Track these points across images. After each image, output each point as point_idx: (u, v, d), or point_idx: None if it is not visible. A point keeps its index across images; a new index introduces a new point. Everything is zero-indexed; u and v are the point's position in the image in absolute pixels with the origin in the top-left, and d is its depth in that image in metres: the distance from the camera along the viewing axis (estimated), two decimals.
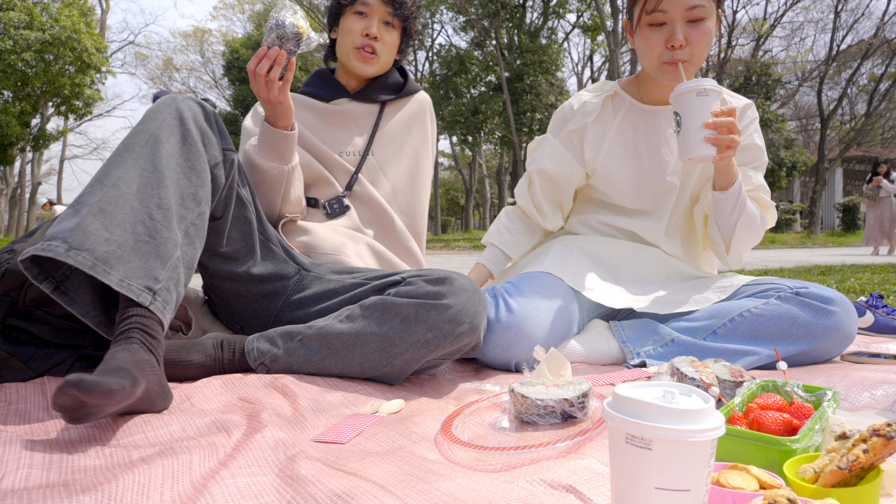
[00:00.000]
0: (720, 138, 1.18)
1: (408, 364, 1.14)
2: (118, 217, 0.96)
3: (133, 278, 0.94)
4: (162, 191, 1.02)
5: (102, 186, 0.99)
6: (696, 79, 1.21)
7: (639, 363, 1.34)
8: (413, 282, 1.18)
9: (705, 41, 1.33)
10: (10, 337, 1.22)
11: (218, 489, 0.66)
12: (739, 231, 1.39)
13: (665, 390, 0.54)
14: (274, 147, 1.40)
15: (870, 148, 25.11)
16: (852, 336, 1.31)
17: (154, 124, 1.08)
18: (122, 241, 0.95)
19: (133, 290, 0.93)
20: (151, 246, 0.98)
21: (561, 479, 0.69)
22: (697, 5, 1.30)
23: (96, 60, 16.57)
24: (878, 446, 0.55)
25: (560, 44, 22.68)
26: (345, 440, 0.85)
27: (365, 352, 1.14)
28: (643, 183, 1.51)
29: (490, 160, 29.58)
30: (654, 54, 1.36)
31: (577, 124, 1.54)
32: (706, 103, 1.19)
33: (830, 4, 22.00)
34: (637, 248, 1.52)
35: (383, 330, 1.13)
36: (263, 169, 1.41)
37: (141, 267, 0.95)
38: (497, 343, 1.27)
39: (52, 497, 0.62)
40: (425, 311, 1.11)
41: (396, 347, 1.12)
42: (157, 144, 1.06)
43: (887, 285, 3.29)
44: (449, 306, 1.11)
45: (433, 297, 1.13)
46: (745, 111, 1.50)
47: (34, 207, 21.78)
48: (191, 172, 1.09)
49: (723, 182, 1.33)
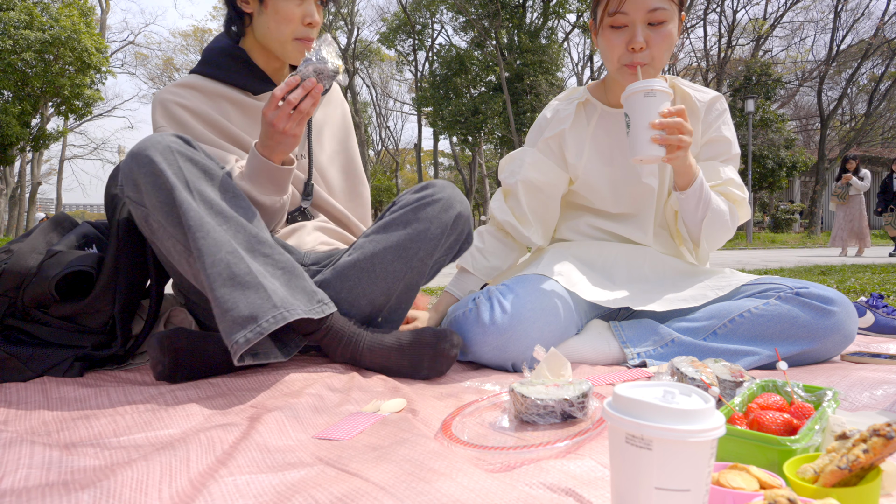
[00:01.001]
0: (668, 138, 1.18)
1: (424, 262, 1.28)
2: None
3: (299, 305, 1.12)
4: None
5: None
6: (646, 80, 1.21)
7: (639, 363, 1.33)
8: (400, 199, 1.33)
9: (666, 44, 1.34)
10: (10, 337, 1.22)
11: (217, 488, 0.66)
12: (706, 228, 1.39)
13: (665, 390, 0.54)
14: (274, 181, 1.28)
15: (870, 148, 25.10)
16: (852, 336, 1.31)
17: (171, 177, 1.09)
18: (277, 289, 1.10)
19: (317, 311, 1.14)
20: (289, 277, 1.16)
21: (560, 481, 0.69)
22: (658, 8, 1.30)
23: (96, 60, 16.56)
24: (879, 446, 0.55)
25: (560, 44, 22.68)
26: (346, 437, 0.85)
27: (385, 265, 1.24)
28: (622, 187, 1.52)
29: (490, 160, 29.59)
30: (615, 56, 1.36)
31: (553, 131, 1.53)
32: (654, 104, 1.19)
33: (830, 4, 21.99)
34: (630, 248, 1.52)
35: (392, 241, 1.25)
36: (267, 205, 1.31)
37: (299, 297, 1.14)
38: (493, 345, 1.27)
39: (51, 495, 0.62)
40: (422, 210, 1.27)
41: (409, 250, 1.25)
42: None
43: (887, 285, 3.29)
44: (440, 199, 1.29)
45: (423, 198, 1.29)
46: (712, 104, 1.50)
47: (34, 207, 21.79)
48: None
49: (682, 182, 1.33)
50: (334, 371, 1.19)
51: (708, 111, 1.49)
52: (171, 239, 1.11)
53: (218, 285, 1.03)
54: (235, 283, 1.04)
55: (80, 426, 0.89)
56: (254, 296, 1.04)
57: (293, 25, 1.34)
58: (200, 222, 1.06)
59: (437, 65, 24.47)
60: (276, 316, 1.04)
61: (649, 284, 1.47)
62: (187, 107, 1.38)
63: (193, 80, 1.43)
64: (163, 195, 1.08)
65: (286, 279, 1.12)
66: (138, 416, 0.92)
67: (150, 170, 1.08)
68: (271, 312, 1.03)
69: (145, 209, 1.11)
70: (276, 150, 1.23)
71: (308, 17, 1.35)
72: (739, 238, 13.47)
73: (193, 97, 1.40)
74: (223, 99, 1.42)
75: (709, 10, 20.90)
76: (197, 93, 1.41)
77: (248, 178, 1.27)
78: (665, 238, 1.56)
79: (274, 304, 1.04)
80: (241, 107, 1.43)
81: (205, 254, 1.04)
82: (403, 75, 32.96)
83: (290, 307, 1.07)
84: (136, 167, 1.09)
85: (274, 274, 1.11)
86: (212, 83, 1.42)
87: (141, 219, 1.13)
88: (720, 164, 1.47)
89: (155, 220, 1.10)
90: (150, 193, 1.08)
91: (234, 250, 1.06)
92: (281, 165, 1.27)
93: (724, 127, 1.49)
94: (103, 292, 1.24)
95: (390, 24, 26.75)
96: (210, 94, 1.41)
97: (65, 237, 1.32)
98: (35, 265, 1.21)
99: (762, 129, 19.02)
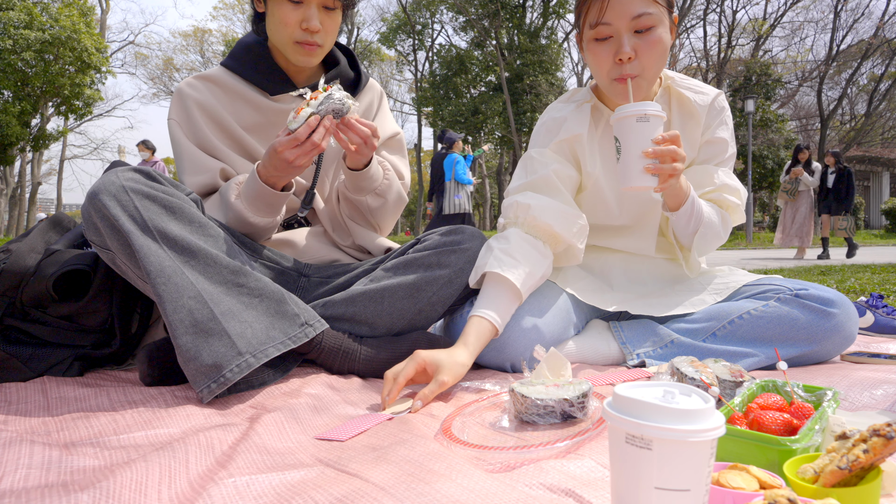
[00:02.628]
0: (661, 168, 1.10)
1: (434, 308, 1.27)
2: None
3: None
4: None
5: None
6: (639, 102, 1.12)
7: (638, 364, 1.33)
8: (428, 238, 1.32)
9: (657, 51, 1.23)
10: (9, 337, 1.22)
11: (217, 489, 0.65)
12: (698, 240, 1.35)
13: (665, 390, 0.54)
14: (272, 205, 1.30)
15: (870, 148, 25.09)
16: (853, 338, 1.30)
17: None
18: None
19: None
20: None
21: (560, 482, 0.69)
22: (643, 13, 1.20)
23: (96, 60, 16.57)
24: (879, 446, 0.55)
25: (560, 44, 22.68)
26: (344, 438, 0.85)
27: (394, 301, 1.23)
28: (626, 198, 1.45)
29: (490, 160, 29.58)
30: (604, 71, 1.26)
31: (568, 133, 1.40)
32: (647, 130, 1.10)
33: (830, 4, 21.99)
34: (629, 254, 1.51)
35: (409, 279, 1.24)
36: (260, 226, 1.33)
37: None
38: (491, 345, 1.27)
39: (50, 496, 0.62)
40: (446, 256, 1.27)
41: (424, 292, 1.25)
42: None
43: (887, 285, 3.29)
44: (467, 249, 1.29)
45: (451, 244, 1.29)
46: (712, 105, 1.42)
47: (34, 208, 21.80)
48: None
49: (672, 204, 1.27)
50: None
51: (708, 113, 1.42)
52: (139, 280, 1.11)
53: (180, 333, 0.99)
54: (198, 331, 1.00)
55: (80, 426, 0.89)
56: (217, 343, 0.99)
57: (290, 29, 1.32)
58: (160, 268, 1.01)
59: (437, 65, 24.48)
60: (241, 364, 0.99)
61: (647, 289, 1.46)
62: (200, 102, 1.40)
63: (217, 73, 1.44)
64: (122, 239, 1.05)
65: (265, 307, 1.08)
66: (138, 416, 0.92)
67: (103, 214, 1.04)
68: (235, 361, 0.99)
69: (110, 252, 1.08)
70: (282, 179, 1.25)
71: (305, 21, 1.31)
72: (739, 238, 13.47)
73: (210, 92, 1.42)
74: (239, 97, 1.43)
75: (709, 10, 20.91)
76: (216, 87, 1.43)
77: (246, 201, 1.28)
78: (665, 244, 1.52)
79: (238, 352, 1.00)
80: (256, 107, 1.44)
81: (165, 301, 1.00)
82: (403, 75, 32.98)
83: (259, 349, 1.02)
84: (93, 211, 1.05)
85: (250, 305, 1.06)
86: (232, 78, 1.43)
87: (109, 261, 1.11)
88: (714, 168, 1.41)
89: (121, 261, 1.08)
90: (111, 237, 1.06)
91: (196, 294, 1.02)
92: (281, 191, 1.29)
93: (722, 127, 1.43)
94: (101, 291, 1.24)
95: (390, 24, 26.77)
96: (228, 90, 1.43)
97: (63, 237, 1.32)
98: (34, 265, 1.21)
99: (762, 129, 19.02)
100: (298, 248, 1.43)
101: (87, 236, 1.10)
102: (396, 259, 1.29)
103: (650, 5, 1.21)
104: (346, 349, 1.20)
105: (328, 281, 1.36)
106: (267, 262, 1.34)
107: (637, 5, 1.20)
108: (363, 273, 1.34)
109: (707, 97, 1.41)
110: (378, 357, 1.21)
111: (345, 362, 1.20)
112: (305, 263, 1.39)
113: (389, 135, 1.58)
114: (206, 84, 1.42)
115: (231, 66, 1.44)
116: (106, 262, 1.14)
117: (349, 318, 1.23)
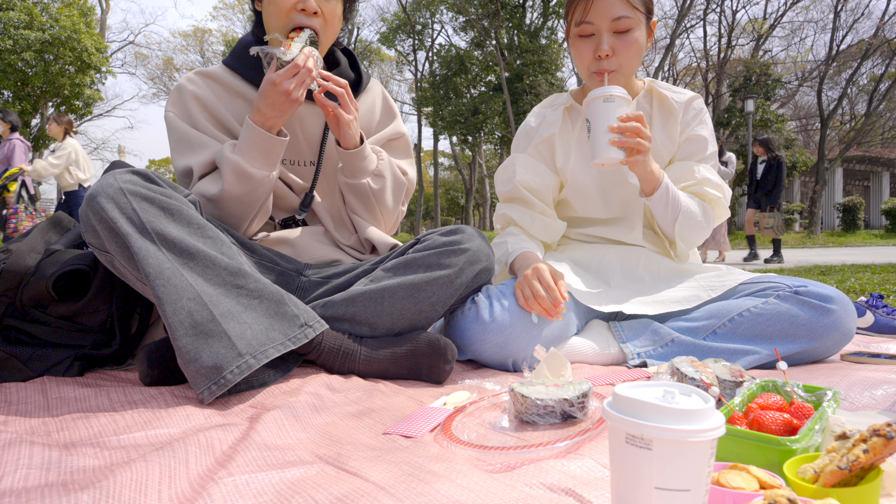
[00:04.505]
0: (626, 141, 1.23)
1: (434, 308, 1.25)
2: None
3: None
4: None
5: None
6: (605, 86, 1.26)
7: (639, 363, 1.34)
8: (428, 238, 1.31)
9: (633, 51, 1.38)
10: (9, 337, 1.22)
11: (216, 488, 0.65)
12: (679, 228, 1.44)
13: (665, 390, 0.54)
14: (268, 154, 1.29)
15: (870, 148, 25.10)
16: (851, 334, 1.31)
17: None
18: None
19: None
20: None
21: (560, 481, 0.69)
22: (622, 16, 1.35)
23: (96, 60, 16.57)
24: (879, 446, 0.55)
25: (560, 44, 22.67)
26: (419, 434, 0.86)
27: (394, 301, 1.22)
28: (610, 190, 1.54)
29: (490, 160, 29.60)
30: (585, 64, 1.42)
31: (542, 136, 1.54)
32: (612, 108, 1.24)
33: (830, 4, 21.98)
34: (624, 249, 1.54)
35: (409, 280, 1.23)
36: (257, 179, 1.30)
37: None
38: (493, 342, 1.28)
39: (50, 496, 0.62)
40: (446, 257, 1.25)
41: (424, 292, 1.23)
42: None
43: (887, 285, 3.29)
44: (467, 249, 1.27)
45: (451, 244, 1.27)
46: (689, 104, 1.53)
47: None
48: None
49: (647, 188, 1.38)
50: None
51: (685, 111, 1.52)
52: (138, 282, 1.11)
53: (180, 335, 0.99)
54: (198, 333, 1.00)
55: (80, 426, 0.89)
56: (217, 345, 0.99)
57: (283, 12, 1.33)
58: (159, 270, 1.01)
59: (437, 65, 24.49)
60: (241, 365, 0.99)
61: (643, 285, 1.47)
62: (199, 97, 1.41)
63: (217, 70, 1.45)
64: (120, 241, 1.04)
65: (265, 308, 1.08)
66: (138, 416, 0.92)
67: (102, 217, 1.04)
68: (236, 362, 0.99)
69: (109, 255, 1.08)
70: (278, 119, 1.26)
71: (301, 3, 1.32)
72: (739, 238, 13.46)
73: (210, 88, 1.43)
74: (238, 96, 1.44)
75: (709, 10, 20.91)
76: (215, 84, 1.44)
77: (241, 150, 1.29)
78: (653, 237, 1.58)
79: (238, 353, 1.00)
80: (252, 104, 1.42)
81: (165, 302, 1.00)
82: (403, 75, 32.99)
83: (259, 350, 1.02)
84: (91, 214, 1.05)
85: (249, 306, 1.06)
86: (232, 77, 1.44)
87: (108, 263, 1.11)
88: (695, 164, 1.49)
89: (120, 263, 1.08)
90: (109, 240, 1.06)
91: (195, 296, 1.01)
92: (281, 137, 1.29)
93: (701, 126, 1.52)
94: (101, 291, 1.24)
95: (390, 24, 26.77)
96: (228, 87, 1.44)
97: (63, 237, 1.32)
98: (33, 265, 1.21)
99: (762, 130, 19.02)
100: (297, 248, 1.43)
101: (86, 239, 1.10)
102: (396, 259, 1.29)
103: (630, 10, 1.36)
104: (346, 349, 1.20)
105: (327, 281, 1.36)
106: (266, 262, 1.34)
107: (618, 9, 1.35)
108: (363, 273, 1.34)
109: (684, 96, 1.54)
110: (378, 357, 1.21)
111: (345, 363, 1.20)
112: (305, 263, 1.39)
113: (392, 134, 1.59)
114: (205, 80, 1.44)
115: (231, 64, 1.46)
116: (105, 264, 1.14)
117: (349, 318, 1.23)
